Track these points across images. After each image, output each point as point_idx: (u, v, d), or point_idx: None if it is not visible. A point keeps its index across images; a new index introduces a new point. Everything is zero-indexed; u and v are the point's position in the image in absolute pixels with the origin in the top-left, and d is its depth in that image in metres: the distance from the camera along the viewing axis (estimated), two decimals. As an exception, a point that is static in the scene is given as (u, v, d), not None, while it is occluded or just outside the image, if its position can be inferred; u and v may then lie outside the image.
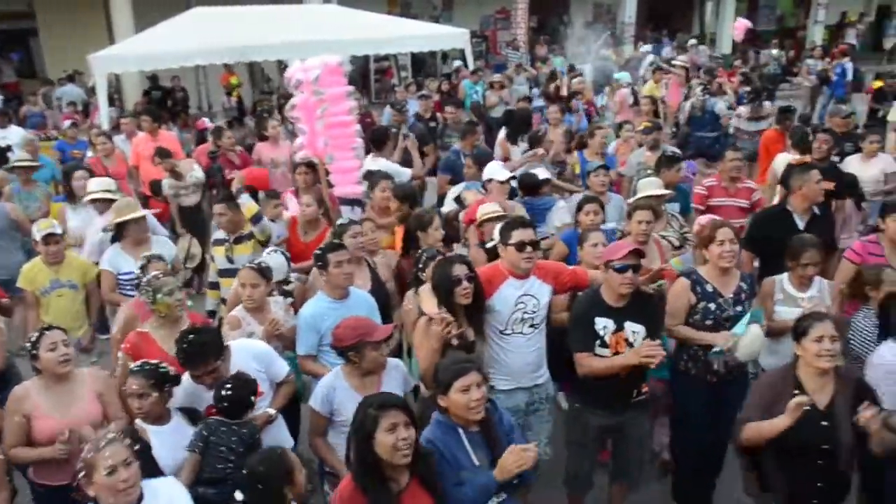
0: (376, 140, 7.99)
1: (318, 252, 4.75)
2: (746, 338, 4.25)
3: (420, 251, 5.06)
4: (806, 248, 4.72)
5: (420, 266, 4.82)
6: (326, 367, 4.45)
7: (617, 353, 4.16)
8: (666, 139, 9.34)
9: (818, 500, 3.64)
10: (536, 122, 10.75)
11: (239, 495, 3.21)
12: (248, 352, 4.16)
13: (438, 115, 11.14)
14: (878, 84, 13.39)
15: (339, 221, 5.75)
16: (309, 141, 6.91)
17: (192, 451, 3.74)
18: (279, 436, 4.14)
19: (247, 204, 6.03)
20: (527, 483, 3.46)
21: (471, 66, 14.88)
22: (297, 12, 14.66)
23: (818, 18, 25.71)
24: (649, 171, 6.69)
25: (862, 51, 21.29)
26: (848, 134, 8.59)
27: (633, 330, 4.17)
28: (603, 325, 4.18)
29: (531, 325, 4.39)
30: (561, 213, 6.52)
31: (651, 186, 6.06)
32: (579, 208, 5.78)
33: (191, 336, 3.90)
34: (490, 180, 6.26)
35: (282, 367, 4.34)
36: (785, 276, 4.84)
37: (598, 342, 4.20)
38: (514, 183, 6.68)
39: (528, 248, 4.28)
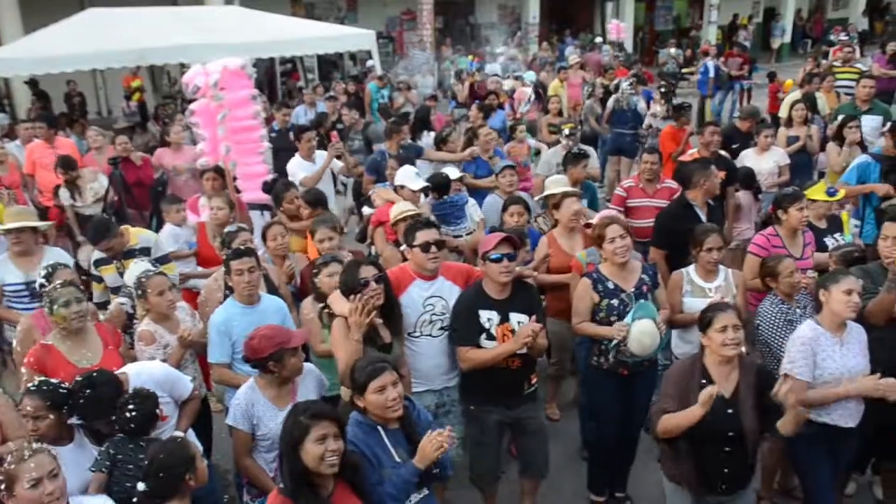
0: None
1: (224, 258, 4.67)
2: (634, 331, 4.37)
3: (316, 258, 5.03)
4: (708, 233, 4.91)
5: (315, 271, 4.78)
6: (240, 377, 4.34)
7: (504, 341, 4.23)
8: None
9: (726, 484, 3.77)
10: (441, 122, 10.84)
11: (141, 485, 3.15)
12: (147, 381, 3.94)
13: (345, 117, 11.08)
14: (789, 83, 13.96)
15: (227, 229, 5.64)
16: (210, 147, 6.73)
17: (99, 470, 3.61)
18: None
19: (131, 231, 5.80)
20: (445, 478, 3.51)
21: (378, 68, 14.85)
22: (199, 14, 14.30)
23: (711, 19, 26.81)
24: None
25: (752, 50, 22.27)
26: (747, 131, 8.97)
27: (519, 320, 4.21)
28: (487, 317, 4.22)
29: (440, 328, 4.39)
30: (475, 209, 6.59)
31: (559, 184, 6.19)
32: (504, 209, 5.88)
33: (87, 391, 3.66)
34: (402, 186, 6.22)
35: (185, 386, 4.19)
36: (691, 267, 5.00)
37: (484, 335, 4.23)
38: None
39: (433, 249, 4.30)
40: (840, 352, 3.99)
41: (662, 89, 11.35)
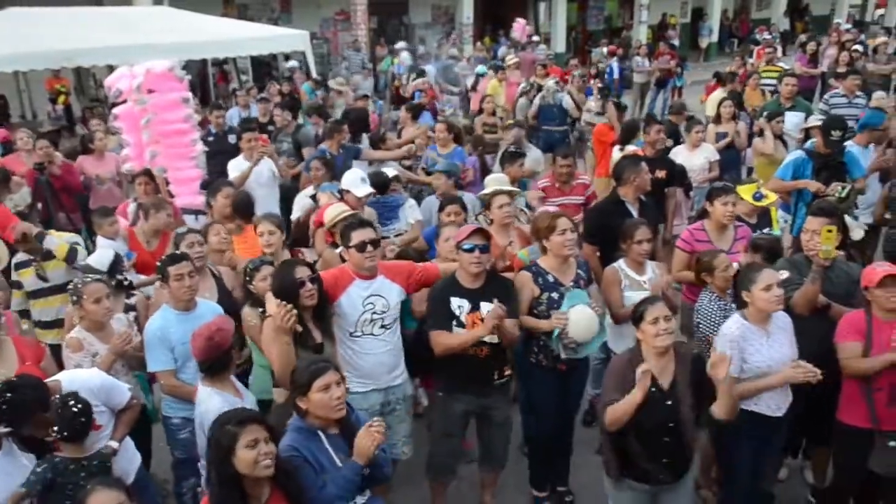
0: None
1: (159, 264, 4.57)
2: (573, 318, 4.47)
3: (248, 261, 4.96)
4: (637, 226, 5.03)
5: (247, 278, 4.74)
6: (186, 386, 4.31)
7: None
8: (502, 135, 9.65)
9: (666, 475, 3.86)
10: (377, 122, 10.83)
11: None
12: (81, 388, 3.78)
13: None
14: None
15: (176, 231, 5.53)
16: (135, 153, 6.56)
17: (28, 489, 3.49)
18: (127, 457, 3.98)
19: (57, 244, 5.57)
20: (385, 478, 3.54)
21: (313, 69, 14.71)
22: (127, 14, 13.97)
23: (642, 19, 27.36)
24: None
25: (682, 49, 22.82)
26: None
27: (489, 310, 4.27)
28: (458, 304, 4.33)
29: (382, 326, 4.41)
30: (413, 210, 6.59)
31: (498, 182, 6.24)
32: (441, 208, 5.93)
33: (8, 395, 3.44)
34: (348, 191, 6.14)
35: (122, 395, 4.07)
36: (622, 262, 5.09)
37: (454, 322, 4.33)
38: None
39: (370, 248, 4.31)
40: (767, 344, 4.12)
41: (600, 85, 11.57)
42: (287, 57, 16.73)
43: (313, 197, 6.62)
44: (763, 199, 5.93)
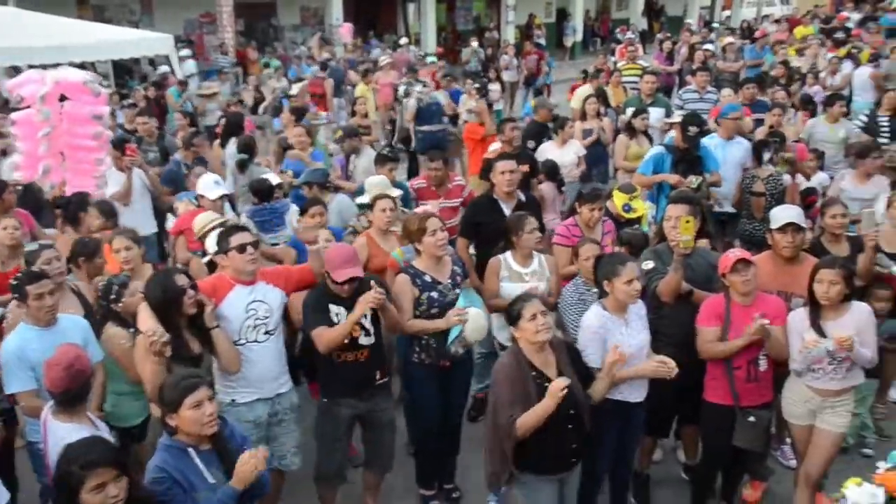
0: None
1: (14, 283, 4.32)
2: (470, 317, 4.58)
3: (108, 278, 4.75)
4: (524, 217, 5.19)
5: (113, 297, 4.52)
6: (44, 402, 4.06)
7: (352, 336, 4.33)
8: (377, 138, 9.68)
9: (573, 458, 4.02)
10: (251, 127, 10.60)
11: None
12: None
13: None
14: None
15: (28, 248, 5.24)
16: (26, 163, 6.18)
17: None
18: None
19: None
20: (261, 496, 3.46)
21: (178, 73, 14.24)
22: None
23: (509, 19, 27.98)
24: None
25: (548, 48, 23.49)
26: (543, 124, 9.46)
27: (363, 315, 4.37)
28: (336, 311, 4.35)
29: (266, 332, 4.35)
30: (296, 216, 6.51)
31: (379, 184, 6.25)
32: (304, 211, 5.94)
33: None
34: (202, 196, 6.05)
35: None
36: (508, 254, 5.22)
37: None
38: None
39: (250, 249, 4.25)
40: (626, 332, 4.31)
41: (476, 86, 11.73)
42: (151, 61, 16.11)
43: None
44: (630, 212, 6.28)
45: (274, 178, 6.88)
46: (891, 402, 6.12)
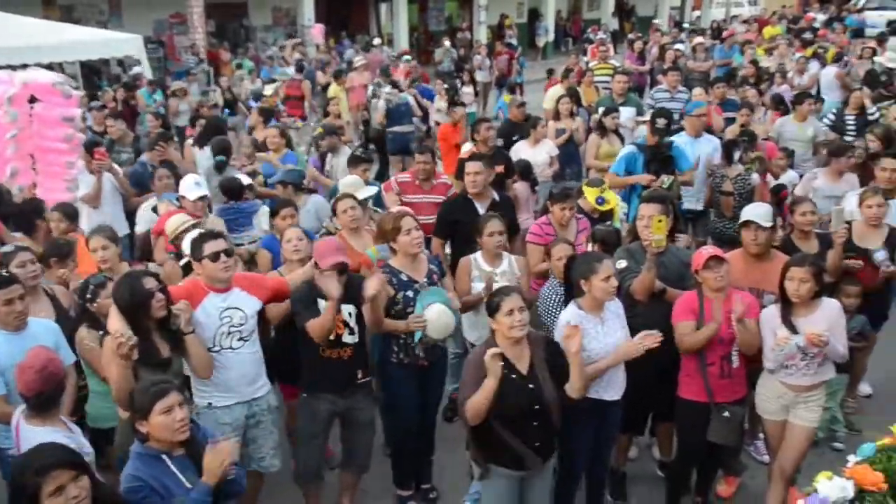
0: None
1: None
2: (429, 317, 4.59)
3: (86, 278, 4.70)
4: (488, 219, 5.22)
5: (88, 296, 4.47)
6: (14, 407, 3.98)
7: (337, 334, 4.39)
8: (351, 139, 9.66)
9: (537, 459, 3.99)
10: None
11: None
12: None
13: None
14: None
15: (3, 249, 5.15)
16: None
17: None
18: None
19: None
20: (240, 493, 3.46)
21: (148, 74, 14.08)
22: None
23: (481, 19, 28.05)
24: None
25: (521, 48, 23.55)
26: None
27: (349, 311, 4.44)
28: (323, 306, 4.35)
29: (240, 339, 4.32)
30: (266, 217, 6.49)
31: (352, 184, 6.24)
32: (275, 213, 5.93)
33: None
34: (184, 197, 5.97)
35: None
36: (478, 254, 5.24)
37: None
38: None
39: (224, 257, 4.21)
40: (602, 331, 4.34)
41: (446, 86, 11.74)
42: (121, 63, 15.91)
43: (155, 209, 6.38)
44: (604, 204, 6.33)
45: (245, 179, 6.84)
46: (861, 397, 6.24)
